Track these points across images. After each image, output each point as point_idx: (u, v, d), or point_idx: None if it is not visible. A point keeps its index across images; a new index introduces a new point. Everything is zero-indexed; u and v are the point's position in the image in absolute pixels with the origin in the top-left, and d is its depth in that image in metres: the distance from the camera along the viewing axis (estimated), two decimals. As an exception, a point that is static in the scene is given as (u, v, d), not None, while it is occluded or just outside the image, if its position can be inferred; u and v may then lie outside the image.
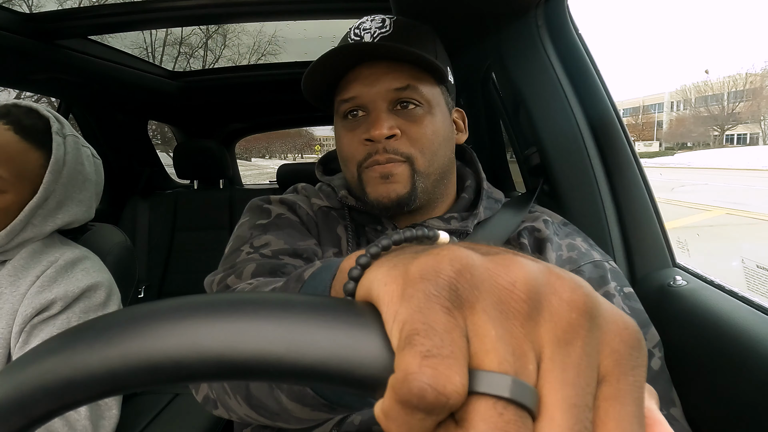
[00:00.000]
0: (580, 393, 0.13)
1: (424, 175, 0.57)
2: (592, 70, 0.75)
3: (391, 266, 0.17)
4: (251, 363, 0.15)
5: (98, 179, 0.82)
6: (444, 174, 0.60)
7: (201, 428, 0.93)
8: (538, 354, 0.14)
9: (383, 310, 0.16)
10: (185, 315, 0.16)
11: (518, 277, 0.15)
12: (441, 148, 0.58)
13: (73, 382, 0.16)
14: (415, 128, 0.56)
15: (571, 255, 0.57)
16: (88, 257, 0.76)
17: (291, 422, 0.34)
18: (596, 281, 0.55)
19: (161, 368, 0.15)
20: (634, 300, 0.55)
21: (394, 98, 0.56)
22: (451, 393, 0.13)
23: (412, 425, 0.13)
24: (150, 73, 1.60)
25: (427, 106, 0.57)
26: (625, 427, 0.13)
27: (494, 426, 0.13)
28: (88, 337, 0.16)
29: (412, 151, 0.56)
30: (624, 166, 0.73)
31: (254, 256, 0.54)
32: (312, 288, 0.29)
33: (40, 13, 1.09)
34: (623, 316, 0.15)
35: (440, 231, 0.22)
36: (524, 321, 0.14)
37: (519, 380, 0.13)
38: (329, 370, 0.15)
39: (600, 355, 0.14)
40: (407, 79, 0.55)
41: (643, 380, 0.15)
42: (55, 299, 0.67)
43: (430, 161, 0.57)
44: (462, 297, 0.14)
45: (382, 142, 0.55)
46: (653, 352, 0.52)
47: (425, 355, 0.13)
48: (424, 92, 0.56)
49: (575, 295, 0.14)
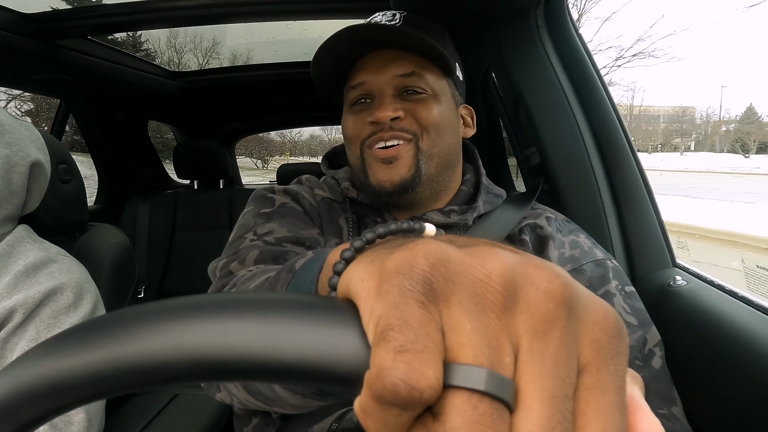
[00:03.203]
0: (558, 383, 0.13)
1: (428, 155, 0.57)
2: (591, 70, 0.75)
3: (369, 262, 0.17)
4: (230, 364, 0.15)
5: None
6: (448, 162, 0.61)
7: (201, 428, 0.93)
8: (516, 346, 0.14)
9: (360, 306, 0.16)
10: (166, 318, 0.16)
11: (494, 268, 0.15)
12: (446, 132, 0.59)
13: (40, 391, 0.16)
14: (421, 109, 0.57)
15: (574, 253, 0.57)
16: (54, 260, 0.68)
17: (286, 408, 0.35)
18: (597, 280, 0.55)
19: (142, 371, 0.16)
20: (635, 299, 0.55)
21: (400, 85, 0.57)
22: (425, 387, 0.13)
23: (387, 420, 0.13)
24: (150, 73, 1.60)
25: (433, 94, 0.58)
26: (606, 417, 0.13)
27: (469, 419, 0.13)
28: (61, 345, 0.16)
29: (418, 129, 0.57)
30: (624, 166, 0.73)
31: (257, 243, 0.54)
32: (301, 279, 0.29)
33: (40, 13, 1.09)
34: (603, 306, 0.15)
35: (427, 224, 0.22)
36: (500, 313, 0.14)
37: (494, 372, 0.13)
38: (307, 369, 0.15)
39: (579, 345, 0.14)
40: (413, 66, 0.57)
41: (625, 369, 0.15)
42: (14, 307, 0.60)
43: (434, 141, 0.58)
44: (437, 290, 0.14)
45: (387, 123, 0.56)
46: (654, 351, 0.52)
47: (399, 350, 0.13)
48: (429, 80, 0.58)
49: (552, 285, 0.14)
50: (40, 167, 0.70)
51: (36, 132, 0.73)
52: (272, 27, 1.61)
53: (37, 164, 0.69)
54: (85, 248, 0.86)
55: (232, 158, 2.70)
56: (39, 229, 0.74)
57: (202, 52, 2.51)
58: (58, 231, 0.83)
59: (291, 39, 1.72)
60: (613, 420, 0.13)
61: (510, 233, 0.60)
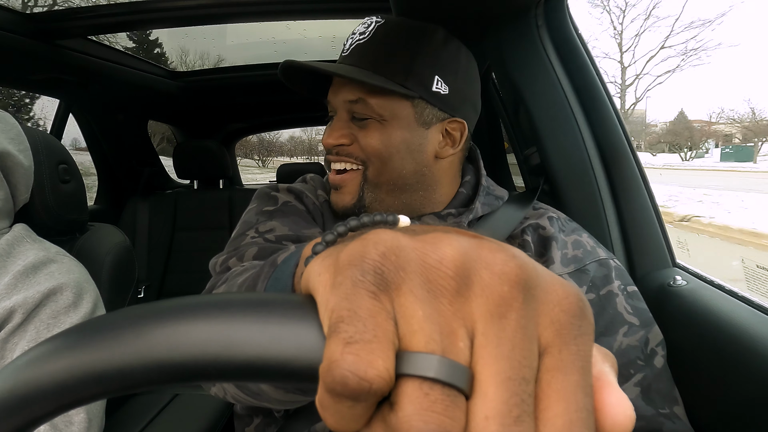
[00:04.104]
0: (515, 366, 0.13)
1: (374, 184, 0.58)
2: (591, 70, 0.75)
3: (326, 255, 0.17)
4: (190, 365, 0.16)
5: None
6: (407, 186, 0.59)
7: (201, 428, 0.93)
8: (471, 330, 0.14)
9: (318, 300, 0.16)
10: (129, 324, 0.16)
11: (446, 254, 0.14)
12: (393, 160, 0.57)
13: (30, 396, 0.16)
14: (365, 138, 0.57)
15: (576, 253, 0.57)
16: (54, 260, 0.67)
17: (273, 403, 0.34)
18: (600, 280, 0.55)
19: (106, 379, 0.16)
20: (637, 299, 0.55)
21: (350, 109, 0.58)
22: (374, 378, 0.13)
23: (343, 413, 0.13)
24: (150, 73, 1.60)
25: (380, 120, 0.57)
26: (569, 398, 0.13)
27: (420, 406, 0.12)
28: (61, 345, 0.17)
29: (364, 156, 0.58)
30: (624, 166, 0.73)
31: (258, 240, 0.55)
32: (281, 273, 0.29)
33: (40, 13, 1.10)
34: (564, 285, 0.15)
35: (401, 216, 0.21)
36: (453, 298, 0.14)
37: (446, 358, 0.13)
38: (267, 366, 0.15)
39: (539, 327, 0.14)
40: (360, 92, 0.56)
41: (589, 349, 0.14)
42: (14, 308, 0.60)
43: (379, 171, 0.58)
44: (387, 279, 0.14)
45: (335, 148, 0.58)
46: (656, 350, 0.52)
47: (347, 342, 0.13)
48: (375, 106, 0.56)
49: (507, 267, 0.14)
50: (11, 158, 0.68)
51: (10, 122, 0.71)
52: (272, 27, 1.61)
53: (5, 155, 0.67)
54: (85, 248, 0.86)
55: (232, 158, 2.71)
56: (39, 229, 0.74)
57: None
58: (58, 231, 0.83)
59: (291, 39, 1.72)
60: (576, 401, 0.13)
61: (512, 233, 0.60)
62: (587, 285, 0.54)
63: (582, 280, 0.54)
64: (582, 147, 0.74)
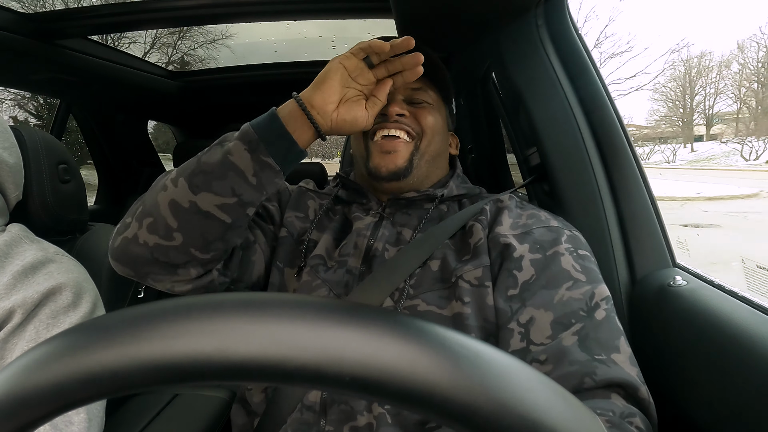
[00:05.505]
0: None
1: (422, 153, 0.69)
2: (591, 70, 0.75)
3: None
4: (189, 366, 0.16)
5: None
6: (435, 161, 0.72)
7: (201, 428, 0.93)
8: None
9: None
10: (129, 325, 0.17)
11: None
12: (438, 136, 0.71)
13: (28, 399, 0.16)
14: (422, 114, 0.69)
15: (528, 222, 0.62)
16: (53, 260, 0.67)
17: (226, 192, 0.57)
18: (548, 243, 0.58)
19: (106, 380, 0.16)
20: (588, 261, 0.58)
21: (409, 94, 0.70)
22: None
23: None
24: (150, 73, 1.60)
25: (430, 106, 0.71)
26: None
27: None
28: (60, 345, 0.17)
29: (419, 129, 0.68)
30: (624, 166, 0.73)
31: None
32: (257, 125, 0.56)
33: (40, 13, 1.10)
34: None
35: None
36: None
37: None
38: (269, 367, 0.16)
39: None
40: (420, 83, 0.69)
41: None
42: (13, 308, 0.60)
43: (429, 141, 0.69)
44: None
45: (394, 117, 0.67)
46: (600, 304, 0.54)
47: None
48: (432, 94, 0.71)
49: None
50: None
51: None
52: (272, 27, 1.61)
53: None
54: (85, 248, 0.86)
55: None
56: (39, 230, 0.74)
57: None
58: (58, 231, 0.83)
59: (291, 39, 1.72)
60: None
61: (477, 209, 0.66)
62: (530, 244, 0.58)
63: (525, 240, 0.59)
64: (582, 147, 0.74)
